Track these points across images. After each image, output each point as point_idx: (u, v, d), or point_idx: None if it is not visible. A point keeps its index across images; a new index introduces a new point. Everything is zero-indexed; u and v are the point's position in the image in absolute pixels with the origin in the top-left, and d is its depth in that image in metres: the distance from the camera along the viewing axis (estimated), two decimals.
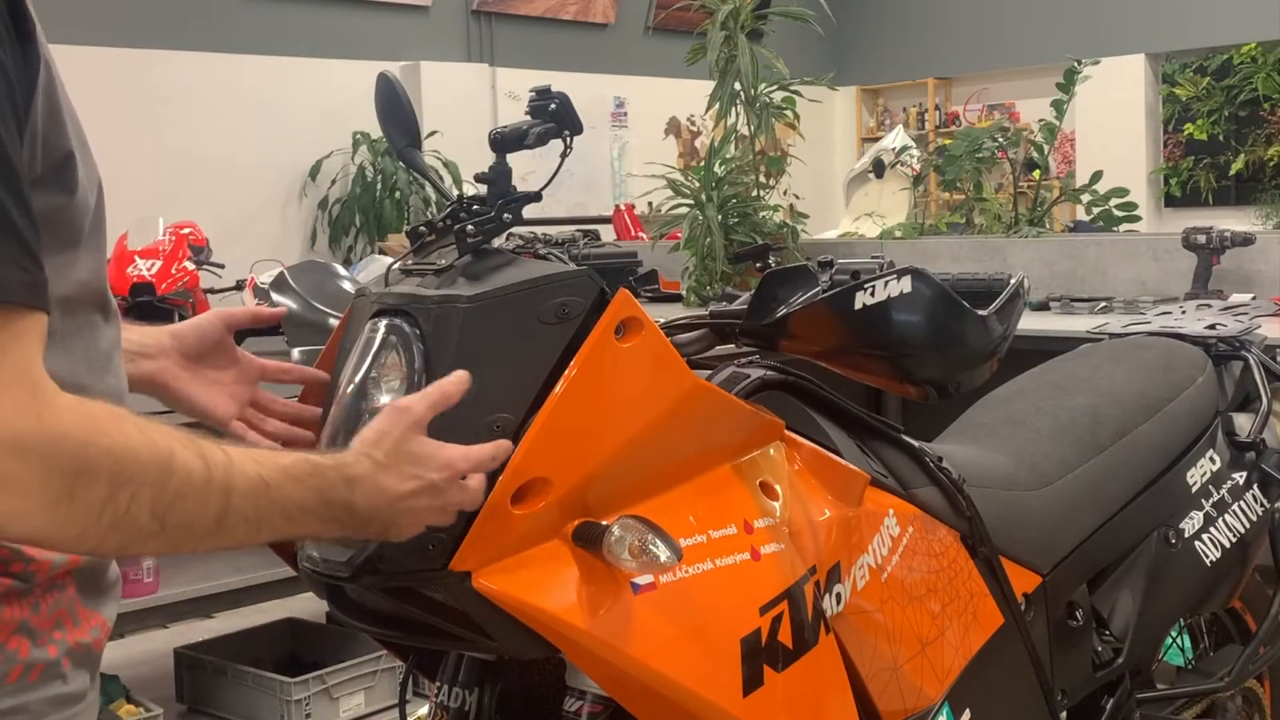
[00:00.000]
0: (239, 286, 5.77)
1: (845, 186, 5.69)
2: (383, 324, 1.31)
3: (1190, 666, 2.26)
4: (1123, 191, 4.86)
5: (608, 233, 5.81)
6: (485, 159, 1.38)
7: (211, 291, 6.22)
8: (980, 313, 1.52)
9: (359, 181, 8.00)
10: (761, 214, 4.53)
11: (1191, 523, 2.06)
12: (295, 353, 3.34)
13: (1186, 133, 10.37)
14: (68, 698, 1.00)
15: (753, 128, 4.53)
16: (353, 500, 1.07)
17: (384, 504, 1.09)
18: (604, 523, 1.25)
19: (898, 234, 4.95)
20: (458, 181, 6.49)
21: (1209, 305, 2.76)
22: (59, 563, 1.00)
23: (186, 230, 6.25)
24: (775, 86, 4.56)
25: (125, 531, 0.92)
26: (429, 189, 5.47)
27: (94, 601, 1.05)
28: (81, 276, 1.01)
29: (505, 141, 1.36)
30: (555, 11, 9.52)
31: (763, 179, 4.63)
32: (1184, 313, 2.58)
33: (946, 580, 1.64)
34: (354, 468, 1.08)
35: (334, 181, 8.11)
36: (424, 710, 1.67)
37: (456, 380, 1.18)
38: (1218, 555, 2.07)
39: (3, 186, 0.88)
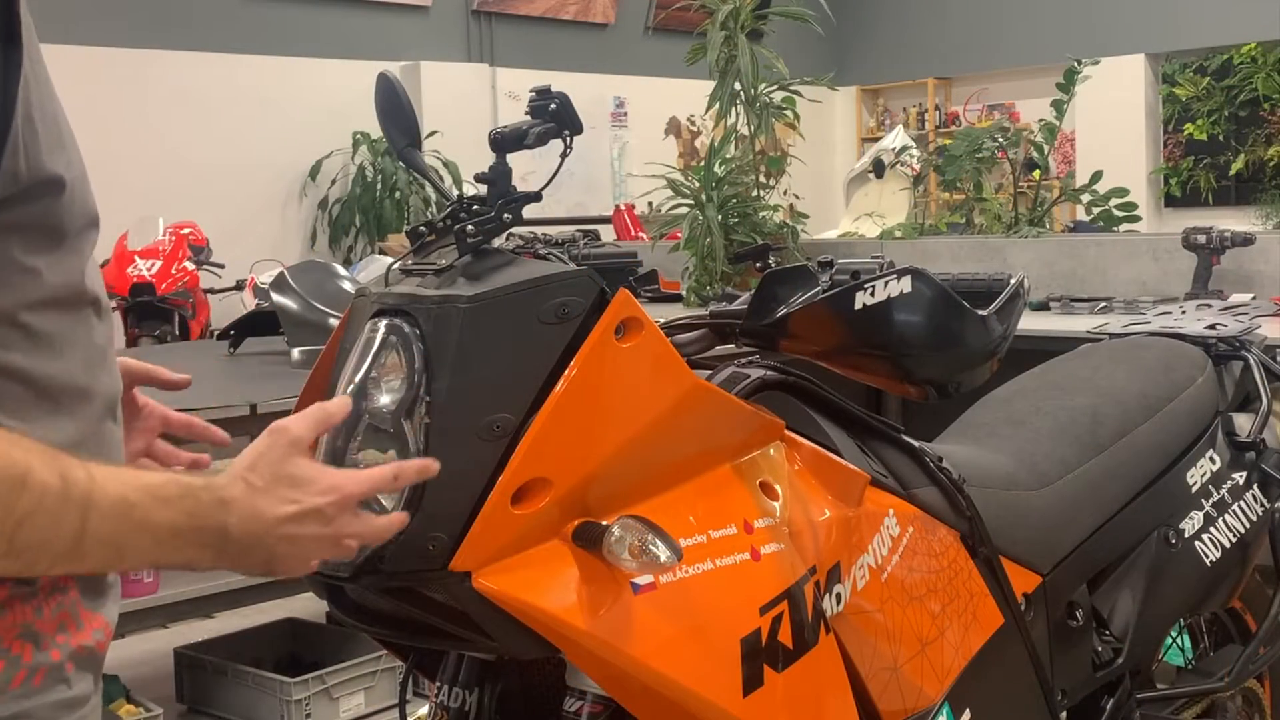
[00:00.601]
0: (239, 286, 5.78)
1: (845, 186, 5.69)
2: (383, 324, 1.30)
3: (1190, 666, 2.26)
4: (1123, 191, 4.86)
5: (608, 233, 5.82)
6: (485, 159, 1.38)
7: (211, 291, 6.23)
8: (980, 313, 1.52)
9: (359, 181, 8.00)
10: (761, 214, 4.53)
11: (1191, 523, 2.06)
12: (295, 352, 3.34)
13: (1186, 133, 10.37)
14: (72, 702, 0.99)
15: (753, 128, 4.53)
16: (226, 524, 0.99)
17: (261, 529, 1.01)
18: (604, 523, 1.25)
19: (898, 234, 4.95)
20: (458, 181, 6.49)
21: (1209, 305, 2.77)
22: None
23: (186, 230, 6.27)
24: (775, 86, 4.57)
25: None
26: (429, 189, 5.47)
27: (95, 603, 1.04)
28: (73, 276, 1.00)
29: (505, 141, 1.36)
30: (555, 11, 9.52)
31: (763, 179, 4.63)
32: (1184, 313, 2.58)
33: (946, 580, 1.64)
34: (228, 490, 1.00)
35: (334, 181, 8.11)
36: (424, 710, 1.67)
37: (338, 403, 1.16)
38: (1218, 555, 2.07)
39: None
